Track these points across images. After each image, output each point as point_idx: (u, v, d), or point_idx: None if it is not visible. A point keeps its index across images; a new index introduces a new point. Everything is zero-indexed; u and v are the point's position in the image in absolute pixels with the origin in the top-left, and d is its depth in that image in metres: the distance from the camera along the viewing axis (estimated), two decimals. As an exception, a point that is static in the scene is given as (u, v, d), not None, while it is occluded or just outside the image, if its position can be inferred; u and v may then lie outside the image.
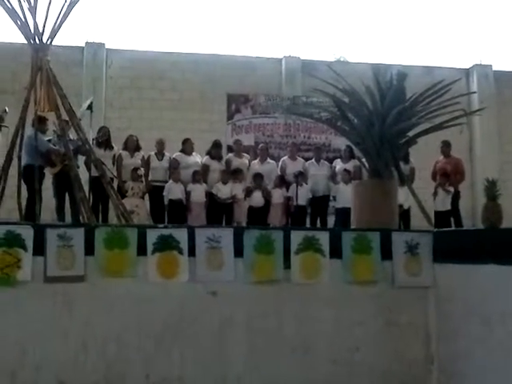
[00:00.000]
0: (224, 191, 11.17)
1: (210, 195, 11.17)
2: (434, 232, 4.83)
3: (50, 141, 9.47)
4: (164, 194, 10.87)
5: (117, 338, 4.16)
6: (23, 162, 8.42)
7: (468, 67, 17.15)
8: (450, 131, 6.54)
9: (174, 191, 10.89)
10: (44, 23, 7.84)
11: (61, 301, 4.13)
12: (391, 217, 5.58)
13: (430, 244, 4.66)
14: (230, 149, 13.29)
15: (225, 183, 11.21)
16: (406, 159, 10.74)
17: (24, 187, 8.67)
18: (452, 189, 11.31)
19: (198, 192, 11.05)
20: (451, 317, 4.39)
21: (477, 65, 17.13)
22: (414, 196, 6.54)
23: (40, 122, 9.10)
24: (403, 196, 8.62)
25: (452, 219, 11.18)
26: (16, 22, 7.73)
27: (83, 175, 8.95)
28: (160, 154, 11.36)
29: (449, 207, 11.19)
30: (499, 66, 17.40)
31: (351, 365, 4.47)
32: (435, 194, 11.28)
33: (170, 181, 11.03)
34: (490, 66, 17.25)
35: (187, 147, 11.54)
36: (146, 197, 11.05)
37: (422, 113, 5.94)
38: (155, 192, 10.99)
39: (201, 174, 11.16)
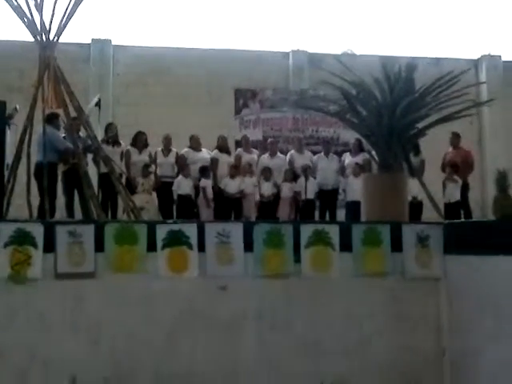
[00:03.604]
0: (232, 186, 11.19)
1: (218, 190, 11.21)
2: (445, 224, 4.81)
3: (65, 138, 9.51)
4: (173, 188, 10.92)
5: (127, 334, 4.17)
6: (35, 159, 8.46)
7: (477, 58, 17.07)
8: (460, 122, 6.52)
9: (183, 186, 10.93)
10: (51, 20, 7.86)
11: (71, 297, 4.15)
12: (401, 210, 5.56)
13: (440, 236, 4.65)
14: (238, 144, 13.31)
15: (233, 178, 11.22)
16: (417, 151, 10.72)
17: (35, 185, 8.69)
18: (459, 179, 11.27)
19: (210, 187, 11.12)
20: (462, 309, 4.38)
21: (486, 55, 17.04)
22: (424, 188, 6.51)
23: (54, 119, 9.14)
24: (417, 188, 8.60)
25: (462, 211, 11.16)
26: (23, 20, 7.76)
27: (92, 172, 8.97)
28: (166, 150, 11.40)
29: (458, 199, 11.17)
30: (508, 56, 17.30)
31: (362, 358, 4.46)
32: (444, 186, 11.26)
33: (180, 176, 11.06)
34: (499, 56, 17.16)
35: (194, 143, 11.59)
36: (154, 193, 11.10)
37: (432, 104, 5.91)
38: (162, 188, 11.03)
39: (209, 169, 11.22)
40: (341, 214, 11.65)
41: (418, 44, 18.15)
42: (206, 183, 11.10)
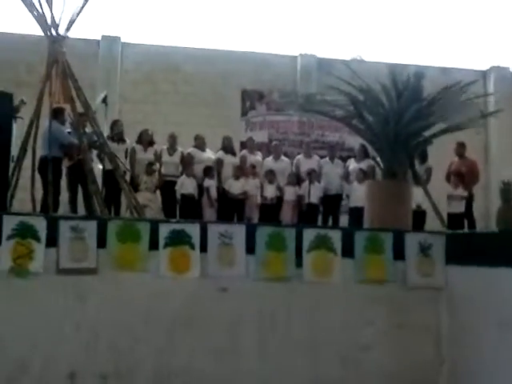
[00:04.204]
0: (236, 187, 11.20)
1: (222, 190, 11.22)
2: (447, 234, 4.81)
3: (69, 133, 9.53)
4: (176, 188, 10.91)
5: (128, 331, 4.17)
6: (40, 153, 8.48)
7: (485, 69, 17.07)
8: (466, 132, 6.52)
9: (186, 186, 10.93)
10: (60, 15, 7.89)
11: (73, 293, 4.15)
12: (404, 218, 5.57)
13: (442, 245, 4.64)
14: (242, 145, 13.31)
15: (237, 179, 11.23)
16: (423, 159, 10.71)
17: (39, 179, 8.71)
18: (466, 193, 11.23)
19: (214, 188, 11.13)
20: (463, 319, 4.38)
21: (494, 67, 17.04)
22: (428, 197, 6.52)
23: (59, 114, 9.16)
24: (421, 196, 8.60)
25: (465, 221, 11.13)
26: (33, 13, 7.79)
27: (96, 168, 8.99)
28: (172, 149, 11.40)
29: (463, 209, 11.14)
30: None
31: (361, 365, 4.46)
32: (449, 196, 11.22)
33: (183, 175, 11.07)
34: (508, 68, 17.16)
35: (200, 143, 11.60)
36: (158, 191, 11.10)
37: (439, 113, 5.92)
38: (166, 187, 11.04)
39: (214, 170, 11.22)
40: (344, 220, 11.65)
41: (427, 53, 18.14)
42: (210, 183, 11.10)
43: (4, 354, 4.02)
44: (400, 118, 5.75)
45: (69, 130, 9.59)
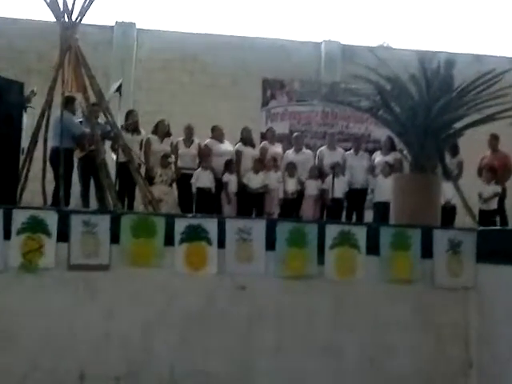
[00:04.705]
0: (255, 181, 11.19)
1: (241, 185, 11.22)
2: (478, 230, 4.77)
3: (81, 123, 9.58)
4: (192, 181, 10.91)
5: (141, 330, 4.20)
6: (51, 145, 8.53)
7: (520, 56, 16.89)
8: (499, 124, 6.45)
9: (202, 179, 10.92)
10: (74, 1, 7.92)
11: (84, 289, 4.17)
12: (433, 214, 5.54)
13: (473, 243, 4.61)
14: (263, 137, 13.31)
15: (256, 172, 11.22)
16: (454, 152, 10.65)
17: (50, 171, 8.77)
18: (498, 189, 11.15)
19: (235, 183, 11.13)
20: (492, 320, 4.35)
21: (530, 54, 16.86)
22: (459, 192, 6.48)
23: (70, 103, 9.21)
24: (451, 191, 8.56)
25: (498, 218, 11.06)
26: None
27: (109, 160, 9.04)
28: (188, 141, 11.41)
29: (495, 206, 11.06)
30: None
31: (386, 368, 4.45)
32: (480, 191, 11.15)
33: (199, 168, 11.07)
34: (545, 55, 16.97)
35: (217, 134, 11.60)
36: (174, 185, 11.13)
37: (470, 103, 5.88)
38: (182, 180, 11.05)
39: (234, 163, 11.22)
40: (368, 216, 11.62)
41: (458, 39, 17.99)
42: (230, 178, 11.09)
43: (15, 351, 4.06)
44: (429, 108, 5.71)
45: (80, 119, 9.64)
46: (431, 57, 6.22)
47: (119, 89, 9.80)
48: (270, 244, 4.37)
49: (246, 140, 11.76)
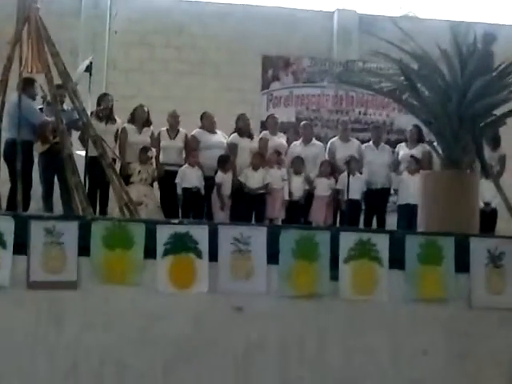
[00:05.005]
0: (254, 179, 11.15)
1: (236, 184, 11.20)
2: (525, 239, 4.79)
3: (41, 110, 9.56)
4: (177, 181, 10.87)
5: (116, 361, 4.21)
6: (5, 136, 8.51)
7: None
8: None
9: (189, 178, 10.87)
10: (34, -38, 7.91)
11: (47, 312, 4.18)
12: (470, 218, 5.55)
13: (518, 254, 4.63)
14: (263, 126, 13.29)
15: (255, 169, 11.18)
16: (495, 144, 10.66)
17: (5, 168, 8.76)
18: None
19: (229, 184, 11.09)
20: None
21: None
22: (500, 192, 6.48)
23: (28, 86, 9.18)
24: (491, 191, 8.56)
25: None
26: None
27: (76, 155, 9.02)
28: (173, 131, 11.39)
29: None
30: None
31: (413, 406, 4.46)
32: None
33: (185, 165, 11.03)
34: None
35: (207, 123, 11.56)
36: (155, 184, 11.12)
37: (514, 86, 5.89)
38: (166, 178, 11.04)
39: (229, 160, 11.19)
40: (391, 221, 11.62)
41: (500, 8, 17.98)
42: (224, 178, 11.04)
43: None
44: (465, 92, 5.72)
45: (40, 106, 9.63)
46: (466, 29, 6.23)
47: (89, 68, 9.79)
48: (273, 256, 4.38)
49: (243, 130, 11.73)
